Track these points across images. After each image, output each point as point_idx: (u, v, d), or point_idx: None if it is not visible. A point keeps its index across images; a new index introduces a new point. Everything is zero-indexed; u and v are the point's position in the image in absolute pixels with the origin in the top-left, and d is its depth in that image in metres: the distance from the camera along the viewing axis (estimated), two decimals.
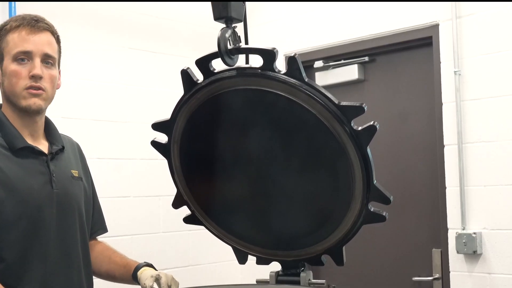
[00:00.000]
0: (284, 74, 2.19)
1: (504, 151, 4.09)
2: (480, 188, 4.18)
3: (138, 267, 2.69)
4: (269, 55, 2.19)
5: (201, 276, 5.15)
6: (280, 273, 2.50)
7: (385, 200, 2.21)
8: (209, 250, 5.15)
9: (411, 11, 4.53)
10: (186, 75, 2.36)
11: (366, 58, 4.84)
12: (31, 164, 2.52)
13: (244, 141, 2.40)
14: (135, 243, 4.77)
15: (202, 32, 5.07)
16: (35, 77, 2.49)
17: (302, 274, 2.44)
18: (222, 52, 2.27)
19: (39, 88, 2.50)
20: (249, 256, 2.61)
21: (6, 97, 2.55)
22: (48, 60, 2.56)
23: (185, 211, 2.64)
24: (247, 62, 2.44)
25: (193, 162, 2.53)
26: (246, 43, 2.45)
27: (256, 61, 2.24)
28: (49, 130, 2.67)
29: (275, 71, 2.20)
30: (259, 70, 2.23)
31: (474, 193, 4.21)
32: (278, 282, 2.47)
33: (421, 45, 4.57)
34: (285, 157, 2.36)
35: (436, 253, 4.44)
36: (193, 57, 2.33)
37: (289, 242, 2.47)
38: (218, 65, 2.31)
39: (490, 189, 4.14)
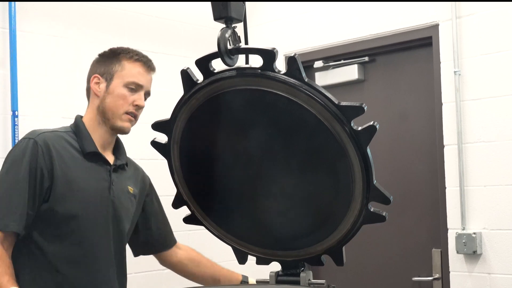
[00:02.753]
0: (284, 74, 2.19)
1: (504, 151, 4.09)
2: (480, 188, 4.19)
3: (243, 278, 3.06)
4: (269, 55, 2.19)
5: None
6: (280, 273, 2.49)
7: (385, 200, 2.21)
8: (209, 250, 5.15)
9: (411, 11, 4.53)
10: (186, 75, 2.36)
11: (366, 58, 4.84)
12: (96, 169, 2.86)
13: (244, 141, 2.40)
14: None
15: (202, 32, 5.08)
16: (138, 107, 2.90)
17: (302, 274, 2.43)
18: (222, 52, 2.27)
19: (135, 116, 2.91)
20: (249, 256, 2.61)
21: (101, 111, 2.90)
22: (146, 96, 3.00)
23: (185, 211, 2.64)
24: (247, 62, 2.44)
25: (193, 162, 2.53)
26: (246, 43, 2.45)
27: (256, 61, 2.24)
28: (118, 147, 3.01)
29: (275, 71, 2.20)
30: (259, 70, 2.22)
31: (474, 193, 4.21)
32: (278, 282, 2.47)
33: (421, 45, 4.58)
34: (285, 157, 2.36)
35: (436, 253, 4.44)
36: (193, 57, 2.33)
37: (289, 242, 2.47)
38: (218, 65, 2.31)
39: (490, 189, 4.15)
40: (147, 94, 2.98)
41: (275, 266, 2.52)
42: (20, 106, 4.15)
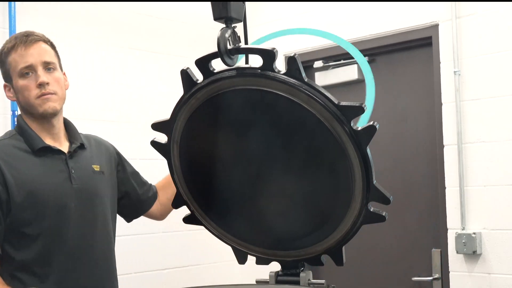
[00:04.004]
0: (284, 74, 2.19)
1: (504, 151, 4.09)
2: (480, 188, 4.19)
3: None
4: (269, 55, 2.19)
5: (200, 276, 5.16)
6: (280, 273, 2.49)
7: (385, 200, 2.21)
8: (208, 250, 5.15)
9: (411, 11, 4.53)
10: (185, 75, 2.36)
11: (366, 58, 4.83)
12: (50, 163, 2.76)
13: (244, 141, 2.40)
14: (135, 243, 4.77)
15: (202, 32, 5.08)
16: (42, 85, 2.73)
17: (301, 274, 2.43)
18: (222, 52, 2.26)
19: (48, 93, 2.74)
20: (249, 256, 2.61)
21: (24, 110, 2.83)
22: (48, 66, 2.80)
23: (184, 211, 2.64)
24: (246, 62, 2.44)
25: (192, 162, 2.53)
26: (246, 43, 2.45)
27: (256, 61, 2.24)
28: (69, 131, 2.91)
29: (274, 71, 2.20)
30: (259, 70, 2.22)
31: (473, 193, 4.21)
32: (277, 282, 2.47)
33: (421, 45, 4.58)
34: (284, 157, 2.35)
35: (435, 253, 4.44)
36: (193, 57, 2.33)
37: (288, 242, 2.47)
38: (218, 65, 2.31)
39: (490, 189, 4.15)
40: (47, 65, 2.79)
41: (275, 266, 2.52)
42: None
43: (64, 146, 2.85)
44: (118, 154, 3.15)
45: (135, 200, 3.16)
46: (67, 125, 2.93)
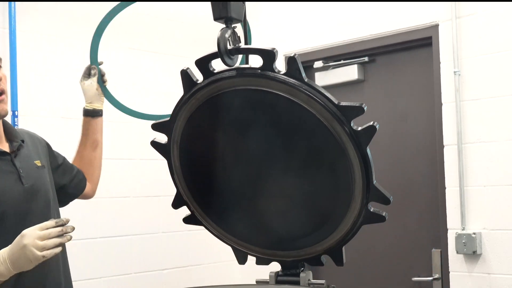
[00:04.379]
0: (284, 74, 2.19)
1: (504, 151, 4.09)
2: (479, 188, 4.18)
3: None
4: (268, 55, 2.19)
5: (201, 276, 5.16)
6: (280, 273, 2.49)
7: (385, 200, 2.21)
8: (208, 250, 5.15)
9: (411, 11, 4.53)
10: (186, 75, 2.36)
11: (366, 58, 4.84)
12: None
13: (244, 141, 2.40)
14: (135, 243, 4.77)
15: (202, 32, 5.07)
16: None
17: (301, 275, 2.44)
18: (222, 52, 2.27)
19: (1, 93, 2.63)
20: (249, 257, 2.61)
21: None
22: None
23: (184, 211, 2.64)
24: (247, 62, 2.44)
25: (192, 162, 2.53)
26: (246, 43, 2.45)
27: (256, 61, 2.24)
28: (7, 129, 2.78)
29: (274, 71, 2.20)
30: (259, 70, 2.23)
31: (473, 193, 4.21)
32: (277, 282, 2.47)
33: (421, 45, 4.58)
34: (285, 157, 2.36)
35: (435, 253, 4.44)
36: (193, 57, 2.33)
37: (288, 242, 2.47)
38: (218, 65, 2.31)
39: (489, 189, 4.14)
40: None
41: (275, 267, 2.52)
42: (20, 106, 4.15)
43: (5, 146, 2.73)
44: (48, 145, 3.03)
45: (70, 187, 3.05)
46: (4, 124, 2.79)
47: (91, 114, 3.22)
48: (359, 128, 2.13)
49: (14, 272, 2.33)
